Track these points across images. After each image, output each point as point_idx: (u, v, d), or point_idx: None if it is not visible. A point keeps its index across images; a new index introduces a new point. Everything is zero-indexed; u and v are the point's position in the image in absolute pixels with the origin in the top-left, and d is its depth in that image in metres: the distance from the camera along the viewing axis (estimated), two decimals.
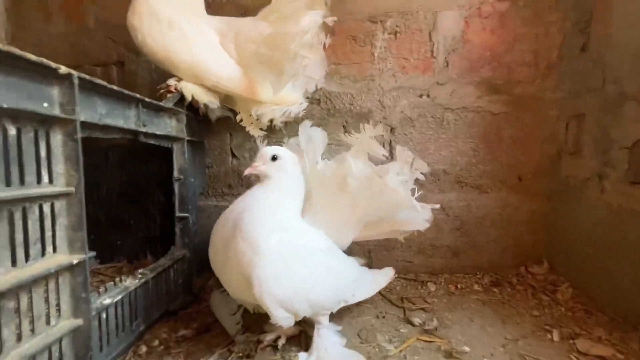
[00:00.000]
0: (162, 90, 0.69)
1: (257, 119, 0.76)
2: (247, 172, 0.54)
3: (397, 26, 0.85)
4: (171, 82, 0.69)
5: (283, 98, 0.73)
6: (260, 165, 0.54)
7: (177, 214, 0.72)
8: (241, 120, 0.78)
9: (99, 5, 0.94)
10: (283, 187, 0.53)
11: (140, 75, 0.95)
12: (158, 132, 0.64)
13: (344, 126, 0.89)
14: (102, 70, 0.97)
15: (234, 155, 0.93)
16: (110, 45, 0.96)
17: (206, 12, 0.76)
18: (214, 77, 0.70)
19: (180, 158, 0.72)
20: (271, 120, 0.76)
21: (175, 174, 0.71)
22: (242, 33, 0.72)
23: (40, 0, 0.96)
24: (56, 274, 0.40)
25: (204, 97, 0.71)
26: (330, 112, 0.89)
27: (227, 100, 0.77)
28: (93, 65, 0.97)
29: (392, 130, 0.88)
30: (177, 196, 0.72)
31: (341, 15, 0.82)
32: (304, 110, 0.79)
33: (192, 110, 0.78)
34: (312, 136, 0.58)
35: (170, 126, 0.68)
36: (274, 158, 0.54)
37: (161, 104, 0.64)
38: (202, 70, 0.69)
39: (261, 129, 0.79)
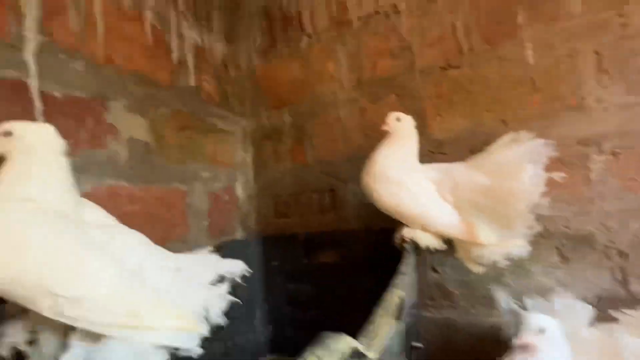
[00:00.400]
0: (398, 241, 0.85)
1: (477, 258, 0.82)
2: (518, 344, 0.60)
3: (615, 147, 0.82)
4: (405, 233, 0.84)
5: (504, 241, 0.79)
6: (529, 338, 0.59)
7: (413, 344, 0.83)
8: (460, 257, 0.87)
9: (315, 150, 1.23)
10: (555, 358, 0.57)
11: (348, 199, 1.17)
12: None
13: (557, 248, 0.88)
14: (318, 195, 1.24)
15: (434, 270, 1.03)
16: (323, 176, 1.22)
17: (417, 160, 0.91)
18: (438, 225, 0.81)
19: (410, 292, 0.85)
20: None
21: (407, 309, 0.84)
22: (458, 182, 0.82)
23: (274, 149, 1.31)
24: None
25: (432, 242, 0.83)
26: (541, 234, 0.89)
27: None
28: (311, 192, 1.25)
29: (622, 255, 0.82)
30: (410, 326, 0.84)
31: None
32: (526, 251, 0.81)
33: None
34: (574, 307, 0.62)
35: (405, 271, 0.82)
36: (541, 330, 0.59)
37: (405, 262, 0.78)
38: (427, 219, 0.81)
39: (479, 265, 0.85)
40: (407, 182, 0.82)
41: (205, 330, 0.54)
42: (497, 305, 0.86)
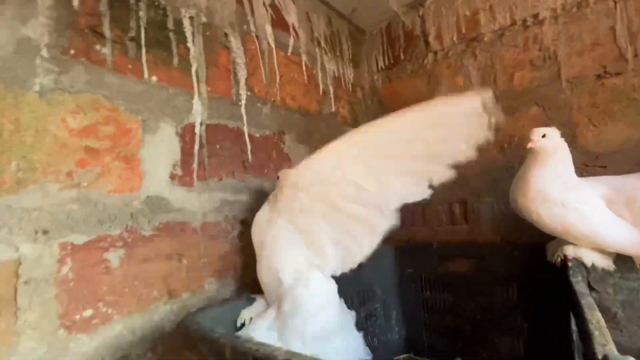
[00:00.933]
0: (558, 258, 0.85)
1: None
2: None
3: None
4: (569, 251, 0.83)
5: None
6: None
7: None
8: None
9: None
10: None
11: (482, 212, 1.19)
12: None
13: None
14: (447, 207, 1.28)
15: (592, 289, 0.98)
16: (453, 188, 1.26)
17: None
18: (614, 244, 0.79)
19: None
20: None
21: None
22: (637, 197, 0.78)
23: None
24: None
25: (601, 262, 0.81)
26: None
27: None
28: (438, 204, 1.30)
29: None
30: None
31: None
32: None
33: None
34: None
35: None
36: None
37: (576, 282, 0.78)
38: (600, 239, 0.79)
39: None
40: (573, 201, 0.81)
41: None
42: None
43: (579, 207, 0.81)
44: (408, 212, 1.37)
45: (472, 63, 1.20)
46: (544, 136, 0.87)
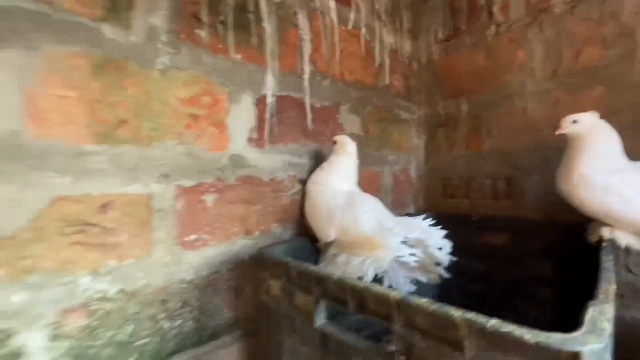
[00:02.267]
0: (594, 239, 0.89)
1: None
2: None
3: None
4: (605, 233, 0.87)
5: None
6: None
7: None
8: None
9: (493, 138, 1.30)
10: None
11: (527, 189, 1.22)
12: None
13: None
14: (491, 182, 1.32)
15: (630, 271, 1.01)
16: (500, 164, 1.29)
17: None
18: None
19: None
20: None
21: None
22: None
23: (447, 136, 1.44)
24: None
25: (637, 245, 0.84)
26: None
27: None
28: (484, 178, 1.35)
29: None
30: None
31: None
32: None
33: None
34: None
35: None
36: None
37: (606, 260, 0.83)
38: None
39: None
40: (616, 186, 0.82)
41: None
42: None
43: (622, 191, 0.82)
44: (451, 185, 1.44)
45: (537, 37, 1.16)
46: (575, 122, 0.87)
